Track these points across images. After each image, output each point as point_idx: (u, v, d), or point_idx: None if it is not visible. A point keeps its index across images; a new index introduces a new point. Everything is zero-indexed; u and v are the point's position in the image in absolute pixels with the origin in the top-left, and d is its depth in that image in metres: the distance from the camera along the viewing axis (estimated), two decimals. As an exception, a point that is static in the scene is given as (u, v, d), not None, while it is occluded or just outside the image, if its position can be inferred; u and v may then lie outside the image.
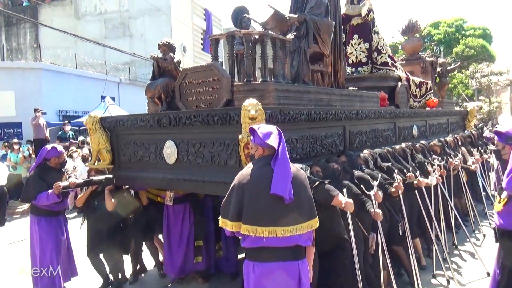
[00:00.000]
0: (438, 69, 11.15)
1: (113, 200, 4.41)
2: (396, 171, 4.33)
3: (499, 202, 2.85)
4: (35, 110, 11.16)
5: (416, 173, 4.65)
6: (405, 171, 4.68)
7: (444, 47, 29.46)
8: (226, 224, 2.54)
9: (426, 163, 5.27)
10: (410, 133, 6.97)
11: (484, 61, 28.19)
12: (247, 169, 2.59)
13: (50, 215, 4.54)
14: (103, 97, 14.96)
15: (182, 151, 3.77)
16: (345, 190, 3.31)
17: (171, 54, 4.28)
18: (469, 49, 28.84)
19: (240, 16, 5.27)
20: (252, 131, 2.63)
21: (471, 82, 29.05)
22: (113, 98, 16.01)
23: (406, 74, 8.28)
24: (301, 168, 3.23)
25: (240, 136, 3.11)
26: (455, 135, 7.91)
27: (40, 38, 21.88)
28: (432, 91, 9.35)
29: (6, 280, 5.24)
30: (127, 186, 4.73)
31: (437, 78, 11.09)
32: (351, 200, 3.19)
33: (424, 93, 8.83)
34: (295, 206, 2.49)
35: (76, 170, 8.87)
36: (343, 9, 7.87)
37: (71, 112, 15.55)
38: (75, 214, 9.29)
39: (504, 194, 2.77)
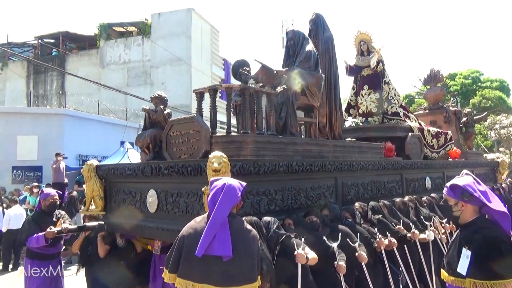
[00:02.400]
0: (464, 118, 11.21)
1: (106, 246, 4.73)
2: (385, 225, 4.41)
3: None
4: (57, 155, 12.03)
5: (412, 227, 4.70)
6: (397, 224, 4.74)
7: (461, 98, 30.48)
8: (165, 275, 2.63)
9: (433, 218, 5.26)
10: (421, 185, 6.99)
11: (502, 113, 28.64)
12: (192, 221, 2.75)
13: (44, 258, 4.92)
14: (122, 143, 15.79)
15: (162, 200, 4.08)
16: (302, 240, 3.18)
17: (162, 106, 4.72)
18: (486, 101, 29.58)
19: (240, 69, 5.75)
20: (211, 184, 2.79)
21: (490, 133, 29.29)
22: (132, 144, 16.81)
23: (420, 124, 8.41)
24: (269, 221, 3.40)
25: (203, 188, 3.37)
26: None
27: (66, 85, 23.94)
28: (453, 141, 9.37)
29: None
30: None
31: (463, 128, 11.13)
32: (302, 251, 3.08)
33: (443, 143, 8.87)
34: (232, 265, 2.48)
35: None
36: (354, 61, 8.31)
37: (91, 157, 16.37)
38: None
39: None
